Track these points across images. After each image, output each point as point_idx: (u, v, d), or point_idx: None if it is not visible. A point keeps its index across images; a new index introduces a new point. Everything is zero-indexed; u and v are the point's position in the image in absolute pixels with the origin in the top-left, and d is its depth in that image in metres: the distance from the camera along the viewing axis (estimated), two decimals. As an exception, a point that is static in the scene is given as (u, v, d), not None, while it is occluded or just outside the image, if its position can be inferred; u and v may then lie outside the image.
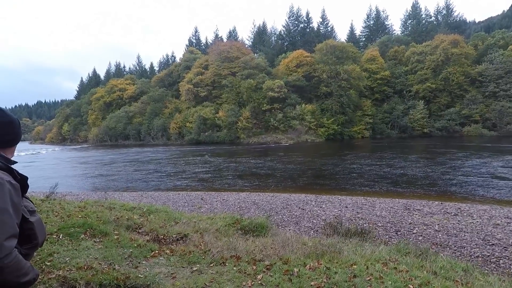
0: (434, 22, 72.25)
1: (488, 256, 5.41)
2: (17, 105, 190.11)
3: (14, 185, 1.30)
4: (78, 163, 30.85)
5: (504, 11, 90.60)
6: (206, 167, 22.25)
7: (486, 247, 5.81)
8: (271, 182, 15.45)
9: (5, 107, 1.47)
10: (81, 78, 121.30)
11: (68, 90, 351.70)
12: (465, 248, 5.79)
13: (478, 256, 5.44)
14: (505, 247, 5.73)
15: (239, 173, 18.88)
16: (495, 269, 4.85)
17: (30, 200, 1.55)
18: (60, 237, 4.15)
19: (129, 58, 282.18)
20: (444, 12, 72.92)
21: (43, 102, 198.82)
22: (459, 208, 8.72)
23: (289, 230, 7.02)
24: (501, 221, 7.33)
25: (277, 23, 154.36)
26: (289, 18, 76.94)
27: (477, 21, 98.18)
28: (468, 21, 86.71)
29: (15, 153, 1.55)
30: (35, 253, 1.83)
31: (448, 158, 22.02)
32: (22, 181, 1.40)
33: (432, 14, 74.09)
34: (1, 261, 1.17)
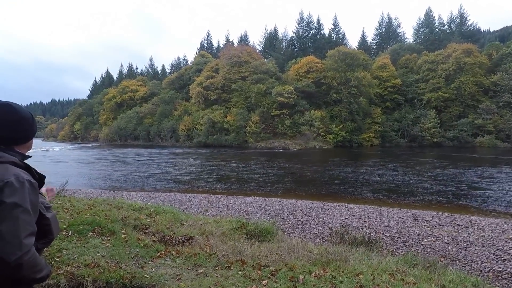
0: (447, 31, 71.46)
1: (500, 271, 5.26)
2: (32, 103, 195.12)
3: (33, 184, 1.33)
4: (88, 161, 31.32)
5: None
6: (212, 170, 22.32)
7: (497, 262, 5.66)
8: (278, 187, 15.40)
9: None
10: (95, 78, 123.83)
11: (77, 89, 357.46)
12: (476, 262, 5.65)
13: (489, 271, 5.30)
14: (517, 263, 5.56)
15: (245, 177, 18.88)
16: (506, 285, 4.72)
17: (44, 196, 1.58)
18: (70, 234, 4.22)
19: (137, 58, 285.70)
20: (458, 20, 72.08)
21: (57, 100, 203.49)
22: (470, 221, 8.53)
23: (295, 236, 6.97)
24: (513, 236, 7.14)
25: (288, 28, 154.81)
26: (299, 24, 77.20)
27: (491, 30, 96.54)
28: (482, 30, 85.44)
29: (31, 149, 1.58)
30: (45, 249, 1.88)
31: (459, 169, 21.60)
32: (40, 180, 1.44)
33: (446, 23, 73.37)
34: (21, 258, 1.20)
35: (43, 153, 42.14)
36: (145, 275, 3.21)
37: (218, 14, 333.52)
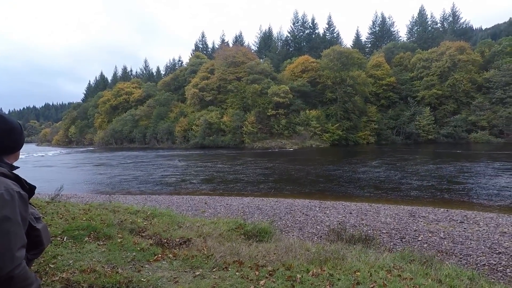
0: (440, 29, 72.08)
1: (495, 264, 5.32)
2: (25, 107, 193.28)
3: (23, 196, 1.31)
4: (83, 165, 31.10)
5: (511, 18, 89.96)
6: (208, 171, 22.29)
7: (492, 255, 5.71)
8: (275, 187, 15.41)
9: (14, 109, 1.47)
10: (89, 81, 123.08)
11: (71, 92, 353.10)
12: (471, 256, 5.70)
13: (484, 264, 5.35)
14: (512, 256, 5.62)
15: (243, 178, 18.87)
16: (501, 278, 4.77)
17: (34, 206, 1.56)
18: (64, 240, 4.18)
19: (131, 60, 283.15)
20: (451, 19, 72.75)
21: (51, 104, 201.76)
22: (465, 216, 8.60)
23: (293, 235, 6.99)
24: (508, 229, 7.21)
25: (283, 28, 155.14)
26: (294, 24, 77.38)
27: (483, 28, 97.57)
28: (474, 28, 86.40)
29: (20, 156, 1.56)
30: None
31: (454, 164, 21.78)
32: (30, 191, 1.41)
33: (438, 21, 74.03)
34: (13, 271, 1.19)
35: (37, 158, 41.77)
36: (142, 279, 3.19)
37: (213, 14, 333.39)
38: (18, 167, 1.47)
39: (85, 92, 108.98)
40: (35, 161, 36.32)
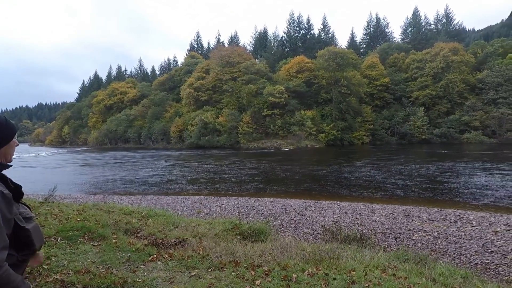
0: (434, 30, 72.80)
1: (487, 263, 5.39)
2: (18, 107, 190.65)
3: (5, 195, 1.26)
4: (77, 165, 30.81)
5: (503, 20, 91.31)
6: (205, 172, 22.23)
7: (485, 254, 5.79)
8: (270, 187, 15.43)
9: (6, 109, 1.42)
10: (83, 80, 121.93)
11: (64, 92, 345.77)
12: (464, 255, 5.77)
13: (477, 263, 5.42)
14: (504, 255, 5.70)
15: (237, 178, 18.86)
16: (494, 277, 4.83)
17: (28, 206, 1.50)
18: (58, 240, 4.14)
19: (124, 59, 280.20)
20: (444, 20, 73.52)
21: (44, 104, 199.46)
22: (459, 215, 8.70)
23: (288, 235, 7.00)
24: (500, 229, 7.31)
25: (279, 28, 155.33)
26: (289, 24, 77.52)
27: (476, 29, 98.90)
28: (467, 29, 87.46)
29: (14, 155, 1.50)
30: None
31: (447, 164, 22.01)
32: (15, 190, 1.36)
33: (432, 22, 74.75)
34: None
35: (30, 158, 41.28)
36: (137, 280, 3.18)
37: (208, 14, 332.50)
38: (9, 166, 1.41)
39: (79, 91, 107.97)
40: (28, 162, 35.89)
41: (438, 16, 74.54)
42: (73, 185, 17.98)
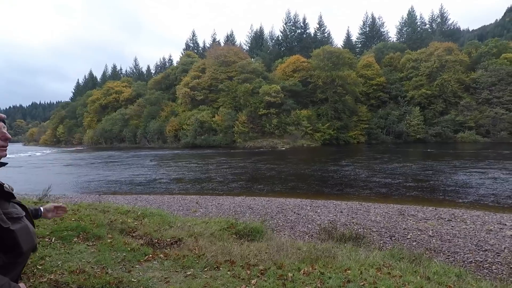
0: (429, 30, 73.35)
1: (481, 261, 5.44)
2: (11, 106, 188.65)
3: None
4: (72, 165, 30.57)
5: (497, 20, 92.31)
6: (202, 171, 22.18)
7: (479, 252, 5.85)
8: (265, 186, 15.44)
9: None
10: (77, 79, 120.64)
11: (57, 91, 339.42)
12: (459, 254, 5.83)
13: (471, 261, 5.48)
14: (497, 253, 5.77)
15: (234, 177, 18.84)
16: (487, 275, 4.88)
17: (22, 205, 1.42)
18: (53, 240, 4.11)
19: (117, 59, 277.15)
20: (439, 20, 74.14)
21: (38, 103, 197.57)
22: (453, 214, 8.78)
23: (284, 234, 7.02)
24: (494, 227, 7.39)
25: (275, 28, 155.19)
26: (286, 23, 77.61)
27: (470, 29, 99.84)
28: (462, 29, 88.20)
29: (7, 155, 1.45)
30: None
31: (442, 164, 22.20)
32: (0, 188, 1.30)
33: (427, 22, 75.37)
34: None
35: (24, 158, 40.86)
36: (132, 279, 3.16)
37: (203, 12, 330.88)
38: (4, 164, 1.37)
39: (73, 91, 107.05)
40: (22, 161, 35.52)
41: (433, 16, 75.23)
42: (68, 185, 17.84)
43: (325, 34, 78.84)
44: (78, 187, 17.11)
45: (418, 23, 74.45)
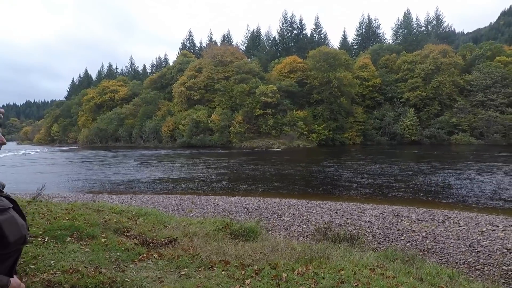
0: (425, 32, 73.88)
1: (474, 263, 5.50)
2: (5, 105, 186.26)
3: None
4: (67, 164, 30.31)
5: (491, 23, 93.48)
6: (196, 171, 22.13)
7: (471, 254, 5.91)
8: (261, 187, 15.44)
9: None
10: (72, 78, 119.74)
11: (50, 90, 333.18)
12: (451, 255, 5.88)
13: (463, 263, 5.53)
14: (490, 254, 5.84)
15: (229, 177, 18.83)
16: (479, 276, 4.94)
17: (11, 199, 1.38)
18: (46, 240, 4.07)
19: (111, 57, 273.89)
20: (434, 22, 74.70)
21: (32, 102, 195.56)
22: (447, 215, 8.86)
23: (279, 235, 7.03)
24: (486, 229, 7.48)
25: (272, 28, 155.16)
26: (283, 24, 77.71)
27: (465, 32, 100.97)
28: (457, 32, 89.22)
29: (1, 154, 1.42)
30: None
31: (436, 165, 22.39)
32: None
33: (423, 24, 75.84)
34: None
35: (18, 157, 40.42)
36: (126, 279, 3.14)
37: (203, 12, 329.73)
38: None
39: (68, 89, 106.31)
40: (15, 160, 35.13)
41: (429, 18, 75.73)
42: (62, 184, 17.69)
43: (322, 35, 79.10)
44: (72, 186, 16.97)
45: (414, 25, 74.99)
